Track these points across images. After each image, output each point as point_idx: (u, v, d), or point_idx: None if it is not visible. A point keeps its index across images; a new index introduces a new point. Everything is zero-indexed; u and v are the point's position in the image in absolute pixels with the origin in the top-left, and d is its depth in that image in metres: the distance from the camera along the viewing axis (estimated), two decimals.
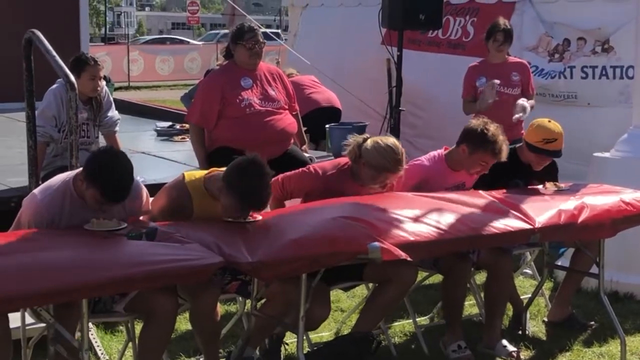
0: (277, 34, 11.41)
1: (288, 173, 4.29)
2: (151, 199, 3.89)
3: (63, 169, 4.36)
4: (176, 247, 3.29)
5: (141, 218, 3.72)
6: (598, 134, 6.91)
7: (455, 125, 4.81)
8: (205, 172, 3.90)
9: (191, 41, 30.97)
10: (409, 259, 3.52)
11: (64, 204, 3.55)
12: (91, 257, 3.18)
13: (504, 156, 4.41)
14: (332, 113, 7.90)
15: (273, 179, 4.13)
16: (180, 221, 3.77)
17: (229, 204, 3.63)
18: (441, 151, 4.61)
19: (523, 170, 4.67)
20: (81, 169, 3.56)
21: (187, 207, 3.78)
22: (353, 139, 4.25)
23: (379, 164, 4.11)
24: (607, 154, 5.52)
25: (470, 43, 8.18)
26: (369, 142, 4.16)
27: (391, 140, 4.19)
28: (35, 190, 3.68)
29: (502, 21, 6.23)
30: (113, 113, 5.57)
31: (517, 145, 4.76)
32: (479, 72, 6.17)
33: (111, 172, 3.43)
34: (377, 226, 3.58)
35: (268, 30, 12.26)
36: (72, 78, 4.67)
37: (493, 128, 4.40)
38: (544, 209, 4.08)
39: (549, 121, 4.64)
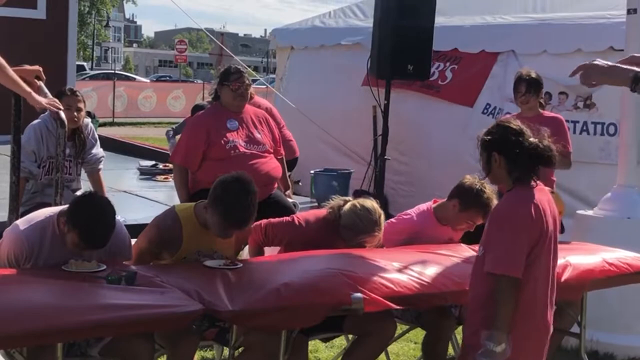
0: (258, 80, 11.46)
1: (272, 220, 4.27)
2: (133, 241, 3.85)
3: (42, 206, 4.30)
4: (156, 292, 3.23)
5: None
6: (577, 189, 6.94)
7: (440, 172, 4.80)
8: (196, 202, 3.93)
9: (139, 78, 31.09)
10: (395, 307, 3.49)
11: (45, 238, 3.53)
12: (68, 300, 3.12)
13: None
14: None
15: (255, 224, 4.13)
16: (167, 254, 3.77)
17: (214, 222, 3.68)
18: (430, 204, 4.58)
19: None
20: (66, 207, 3.55)
21: (177, 235, 3.80)
22: (335, 201, 4.25)
23: (355, 226, 4.13)
24: (590, 212, 5.52)
25: (445, 87, 8.14)
26: (347, 205, 4.19)
27: (369, 202, 4.20)
28: (18, 221, 3.70)
29: (525, 71, 6.01)
30: (97, 150, 5.52)
31: None
32: None
33: (92, 219, 3.43)
34: (361, 277, 3.53)
35: (256, 77, 12.33)
36: (63, 115, 4.62)
37: (489, 190, 4.38)
38: None
39: (552, 192, 4.57)
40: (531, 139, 3.17)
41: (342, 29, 9.73)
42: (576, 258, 4.24)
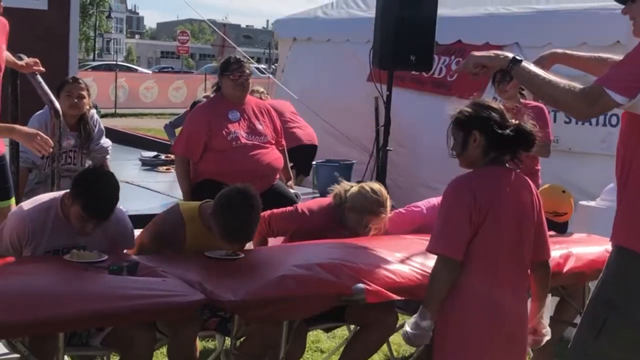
0: (261, 69, 11.54)
1: (275, 211, 4.26)
2: (137, 232, 3.85)
3: None
4: (157, 282, 3.23)
5: (125, 251, 3.68)
6: (578, 180, 6.91)
7: (436, 165, 4.77)
8: (201, 202, 3.89)
9: (141, 69, 31.17)
10: (396, 298, 3.49)
11: (47, 220, 3.54)
12: (70, 290, 3.11)
13: None
14: (311, 150, 7.88)
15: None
16: (169, 252, 3.76)
17: (217, 233, 3.66)
18: (440, 198, 4.58)
19: None
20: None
21: (180, 235, 3.78)
22: (340, 186, 4.25)
23: (361, 206, 4.13)
24: (592, 203, 5.51)
25: (453, 83, 8.18)
26: (354, 188, 4.21)
27: (376, 185, 4.22)
28: (23, 203, 3.71)
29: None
30: (105, 140, 5.53)
31: None
32: None
33: (95, 188, 3.45)
34: (362, 268, 3.53)
35: (259, 66, 12.39)
36: (57, 105, 4.63)
37: None
38: None
39: (564, 191, 4.55)
40: (513, 120, 3.06)
41: (345, 20, 9.71)
42: (578, 249, 4.25)
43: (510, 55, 3.00)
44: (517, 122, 3.06)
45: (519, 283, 3.11)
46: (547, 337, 3.29)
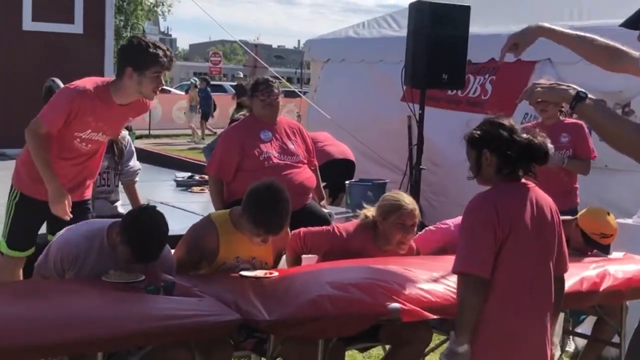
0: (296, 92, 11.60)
1: (311, 228, 4.29)
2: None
3: None
4: (194, 302, 3.26)
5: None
6: (615, 197, 6.84)
7: (471, 184, 4.75)
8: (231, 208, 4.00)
9: (174, 90, 31.47)
10: (431, 317, 3.48)
11: (92, 247, 3.59)
12: (108, 310, 3.15)
13: None
14: (346, 165, 7.90)
15: (294, 232, 4.16)
16: (204, 263, 3.84)
17: (248, 229, 3.73)
18: None
19: None
20: (118, 219, 3.63)
21: (213, 241, 3.86)
22: (364, 210, 4.33)
23: (391, 206, 4.17)
24: (629, 220, 5.45)
25: (488, 101, 8.19)
26: (379, 202, 4.28)
27: (391, 192, 4.36)
28: (71, 226, 3.78)
29: (543, 80, 5.96)
30: (134, 162, 5.56)
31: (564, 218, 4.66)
32: None
33: (147, 236, 3.48)
34: (397, 288, 3.52)
35: (294, 89, 12.46)
36: None
37: None
38: (566, 277, 4.01)
39: (609, 214, 4.54)
40: (524, 135, 3.03)
41: (378, 39, 9.73)
42: (615, 267, 4.20)
43: (574, 90, 2.91)
44: (527, 136, 3.04)
45: (542, 306, 3.05)
46: (557, 354, 3.23)
